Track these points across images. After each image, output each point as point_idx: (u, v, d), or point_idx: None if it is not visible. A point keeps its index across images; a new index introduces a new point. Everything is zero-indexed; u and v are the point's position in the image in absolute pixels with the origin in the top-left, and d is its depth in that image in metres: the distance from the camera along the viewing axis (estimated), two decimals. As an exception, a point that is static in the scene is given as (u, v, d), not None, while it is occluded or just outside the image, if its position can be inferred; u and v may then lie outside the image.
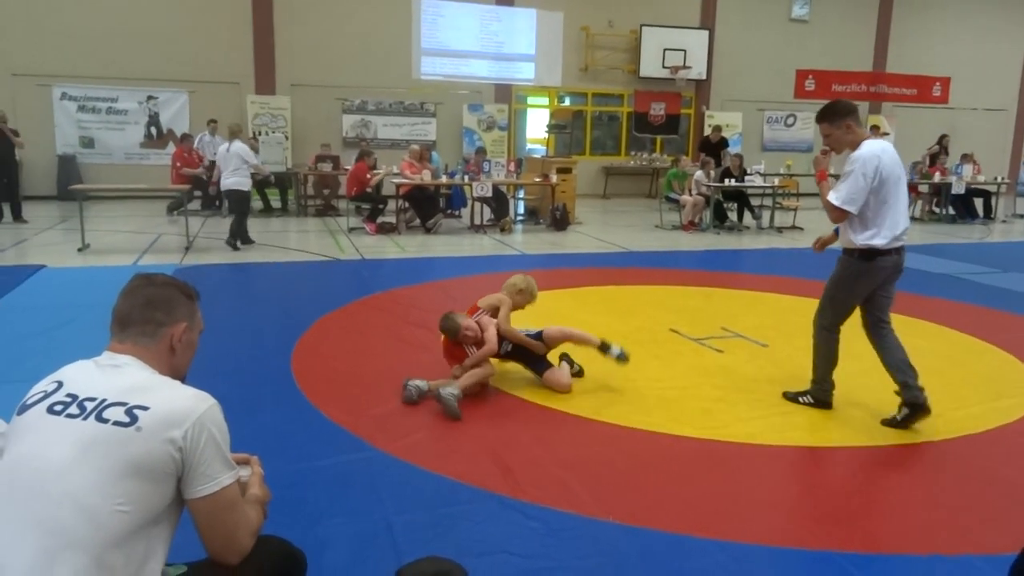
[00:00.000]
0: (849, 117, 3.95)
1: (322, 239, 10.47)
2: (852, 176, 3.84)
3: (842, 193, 3.87)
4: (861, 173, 3.82)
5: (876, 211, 3.88)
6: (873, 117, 19.33)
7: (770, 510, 3.13)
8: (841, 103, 4.06)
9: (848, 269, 4.07)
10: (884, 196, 3.87)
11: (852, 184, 3.84)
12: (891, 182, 3.88)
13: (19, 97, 14.04)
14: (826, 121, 3.99)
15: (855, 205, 3.86)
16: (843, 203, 3.87)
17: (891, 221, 3.91)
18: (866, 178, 3.82)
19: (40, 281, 7.12)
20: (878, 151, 3.87)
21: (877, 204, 3.87)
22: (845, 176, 3.89)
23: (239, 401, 4.07)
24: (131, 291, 1.81)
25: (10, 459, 1.60)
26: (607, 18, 17.50)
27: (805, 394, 4.38)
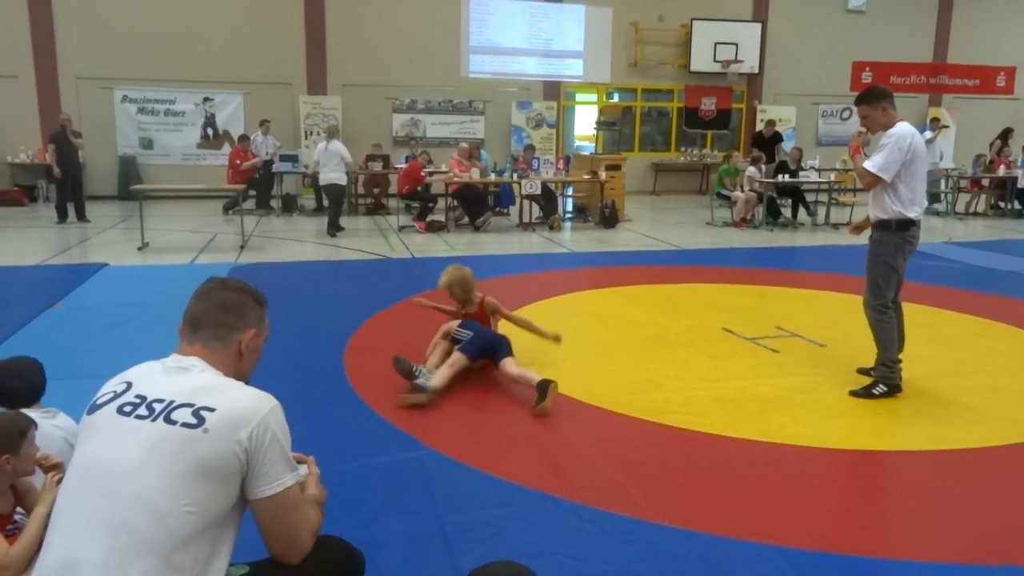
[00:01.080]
0: (885, 100, 4.31)
1: (373, 238, 10.58)
2: (888, 148, 4.20)
3: (878, 161, 4.22)
4: (897, 147, 4.18)
5: (908, 184, 4.25)
6: (933, 109, 18.74)
7: (829, 515, 3.05)
8: (878, 87, 4.42)
9: (888, 242, 4.35)
10: (914, 171, 4.25)
11: (888, 155, 4.19)
12: (920, 159, 4.26)
13: (83, 100, 14.51)
14: (865, 103, 4.34)
15: (889, 173, 4.21)
16: (879, 170, 4.21)
17: (919, 195, 4.32)
18: (901, 151, 4.18)
19: (102, 279, 7.33)
20: (911, 131, 4.25)
21: (909, 177, 4.24)
22: (881, 148, 4.24)
23: (293, 399, 4.08)
24: (205, 294, 1.84)
25: (81, 458, 1.64)
26: (657, 13, 17.30)
27: (876, 385, 4.39)
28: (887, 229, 4.34)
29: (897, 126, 4.26)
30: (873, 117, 4.32)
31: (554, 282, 7.51)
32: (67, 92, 14.42)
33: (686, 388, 4.49)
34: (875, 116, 4.32)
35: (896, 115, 4.32)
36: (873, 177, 4.24)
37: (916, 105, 19.16)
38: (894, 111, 4.33)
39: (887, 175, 4.21)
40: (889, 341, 4.38)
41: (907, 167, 4.21)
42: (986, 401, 4.32)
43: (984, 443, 3.74)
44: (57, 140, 11.23)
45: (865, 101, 4.35)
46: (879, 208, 4.35)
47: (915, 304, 6.61)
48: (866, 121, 4.38)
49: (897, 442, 3.79)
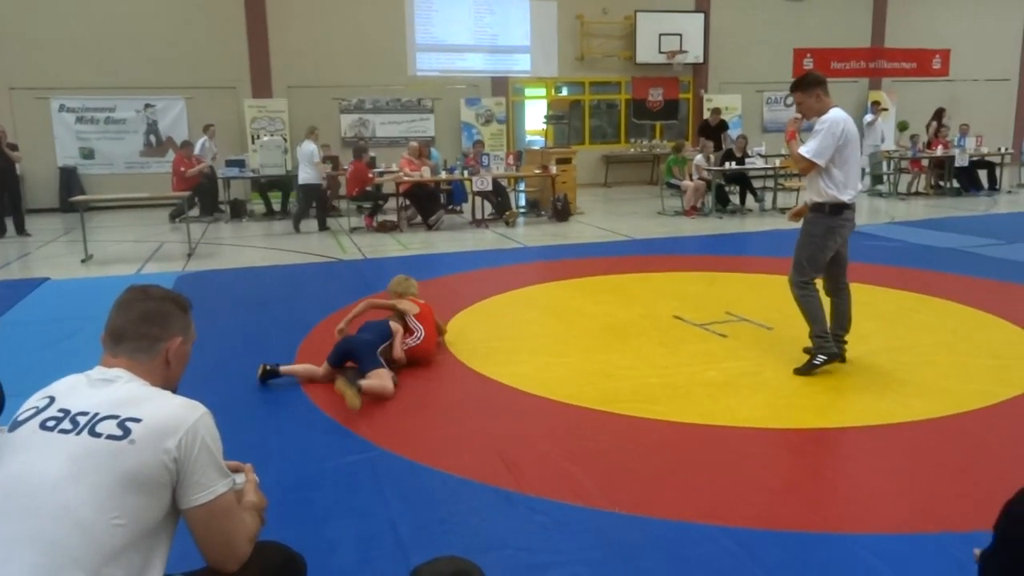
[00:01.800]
0: (819, 87, 4.43)
1: (324, 240, 10.47)
2: (822, 134, 4.33)
3: (812, 147, 4.35)
4: (830, 132, 4.31)
5: (841, 168, 4.38)
6: (873, 93, 19.20)
7: (776, 494, 3.11)
8: (812, 74, 4.56)
9: (820, 223, 4.48)
10: (847, 155, 4.38)
11: (822, 140, 4.33)
12: (853, 144, 4.40)
13: (18, 110, 14.07)
14: (799, 90, 4.48)
15: (823, 158, 4.34)
16: (813, 155, 4.35)
17: (852, 179, 4.44)
18: (834, 136, 4.31)
19: (44, 293, 7.14)
20: (844, 117, 4.38)
21: (842, 162, 4.38)
22: (815, 134, 4.37)
23: (244, 405, 4.09)
24: (125, 304, 1.80)
25: (5, 476, 1.59)
26: (601, 6, 17.39)
27: (815, 356, 4.53)
28: (821, 212, 4.48)
29: (830, 112, 4.39)
30: (808, 104, 4.45)
31: (508, 277, 7.53)
32: (1, 103, 13.97)
33: (637, 376, 4.54)
34: (809, 103, 4.45)
35: (830, 101, 4.45)
36: (808, 162, 4.38)
37: (857, 89, 19.60)
38: (827, 97, 4.46)
39: (821, 160, 4.34)
40: (815, 313, 4.53)
41: (840, 152, 4.35)
42: (924, 374, 4.45)
43: (922, 415, 3.85)
44: None
45: (799, 88, 4.48)
46: (814, 192, 4.51)
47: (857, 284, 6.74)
48: (801, 107, 4.52)
49: (841, 419, 3.89)
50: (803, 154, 4.39)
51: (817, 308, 4.54)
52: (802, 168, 4.49)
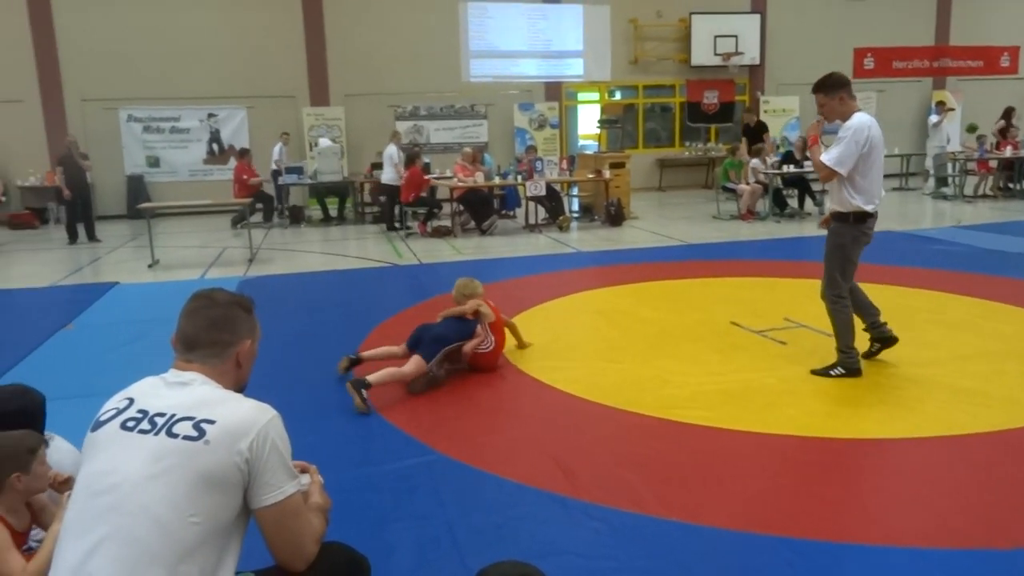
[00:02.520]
0: (843, 89, 4.33)
1: (380, 245, 10.63)
2: (845, 142, 4.22)
3: (834, 155, 4.24)
4: (854, 139, 4.20)
5: (865, 176, 4.27)
6: (938, 93, 18.63)
7: (837, 505, 3.05)
8: (836, 76, 4.40)
9: (846, 234, 4.41)
10: (871, 163, 4.28)
11: (845, 148, 4.22)
12: (877, 151, 4.29)
13: (88, 121, 14.65)
14: (822, 92, 4.36)
15: (845, 167, 4.23)
16: (835, 163, 4.24)
17: (876, 187, 4.34)
18: (858, 144, 4.21)
19: (114, 297, 7.41)
20: (868, 122, 4.25)
21: (865, 170, 4.27)
22: (838, 141, 4.27)
23: (303, 408, 4.18)
24: (194, 312, 1.87)
25: (87, 474, 1.68)
26: (655, 8, 17.28)
27: (835, 367, 4.53)
28: (845, 222, 4.41)
29: (854, 117, 4.28)
30: (830, 106, 4.35)
31: (561, 282, 7.53)
32: (73, 114, 14.57)
33: (693, 383, 4.50)
34: (832, 105, 4.35)
35: (854, 105, 4.36)
36: (829, 171, 4.27)
37: (920, 89, 19.06)
38: (852, 100, 4.35)
39: (843, 169, 4.24)
40: (847, 326, 4.49)
41: (864, 159, 4.24)
42: (994, 384, 4.31)
43: (993, 427, 3.73)
44: (64, 162, 11.36)
45: (822, 89, 4.38)
46: (837, 201, 4.43)
47: (922, 289, 6.61)
48: (823, 110, 4.42)
49: (905, 429, 3.78)
50: (825, 162, 4.28)
51: (849, 321, 4.50)
52: (823, 176, 4.40)
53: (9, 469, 2.13)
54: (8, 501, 2.17)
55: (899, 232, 10.06)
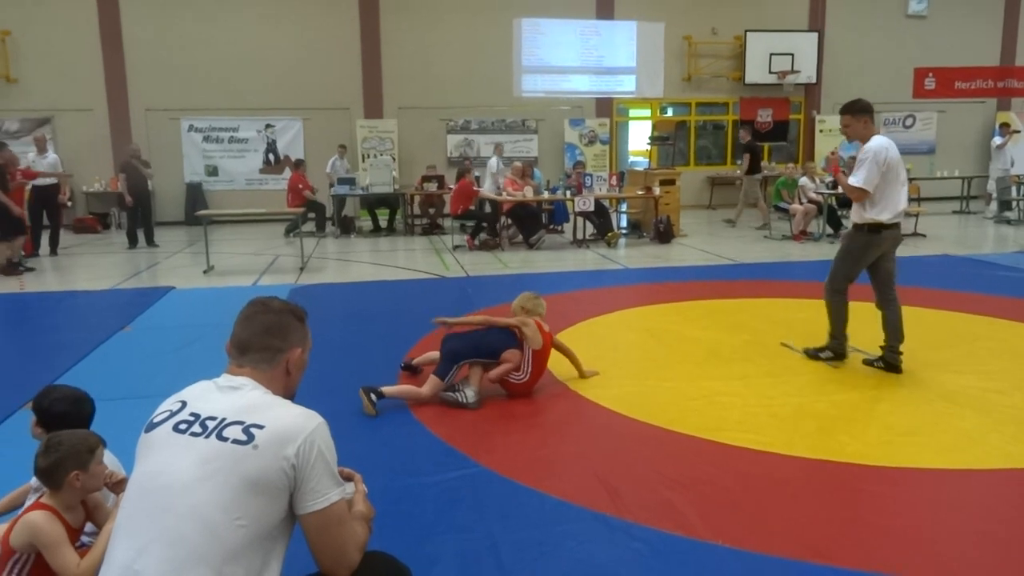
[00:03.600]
0: (867, 114, 4.85)
1: (428, 257, 10.71)
2: (867, 163, 4.72)
3: (861, 177, 4.74)
4: (875, 161, 4.69)
5: (882, 193, 4.76)
6: (1002, 114, 18.06)
7: (889, 536, 2.95)
8: (861, 101, 4.91)
9: (858, 241, 4.96)
10: (889, 180, 4.74)
11: (868, 170, 4.72)
12: (895, 169, 4.76)
13: (152, 130, 15.13)
14: (850, 114, 4.86)
15: (872, 186, 4.73)
16: (864, 184, 4.73)
17: (894, 202, 4.80)
18: (878, 165, 4.69)
19: (170, 301, 7.60)
20: (886, 144, 4.76)
21: (883, 186, 4.75)
22: (860, 164, 4.77)
23: (349, 417, 4.22)
24: (248, 318, 1.90)
25: (140, 474, 1.71)
26: (710, 26, 17.17)
27: (824, 350, 5.16)
28: (860, 231, 4.95)
29: (873, 140, 4.78)
30: (855, 128, 4.87)
31: (608, 299, 7.48)
32: (137, 123, 15.06)
33: (742, 405, 4.41)
34: (857, 127, 4.86)
35: (873, 128, 4.88)
36: (860, 191, 4.77)
37: (984, 110, 18.53)
38: (873, 125, 4.89)
39: (871, 187, 4.73)
40: (837, 320, 5.14)
41: (883, 177, 4.73)
42: (1061, 417, 4.13)
43: (1058, 461, 3.57)
44: (127, 169, 11.73)
45: (850, 112, 4.88)
46: (855, 214, 4.95)
47: (984, 316, 6.39)
48: (847, 130, 4.92)
49: (964, 460, 3.65)
50: (855, 185, 4.77)
51: (843, 314, 5.12)
52: (855, 197, 4.86)
53: (70, 467, 2.19)
54: (66, 498, 2.23)
55: (960, 257, 9.76)
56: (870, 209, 4.81)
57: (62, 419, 2.54)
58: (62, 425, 2.49)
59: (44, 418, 2.56)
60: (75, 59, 14.67)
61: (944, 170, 15.89)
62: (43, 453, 2.22)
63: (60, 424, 2.49)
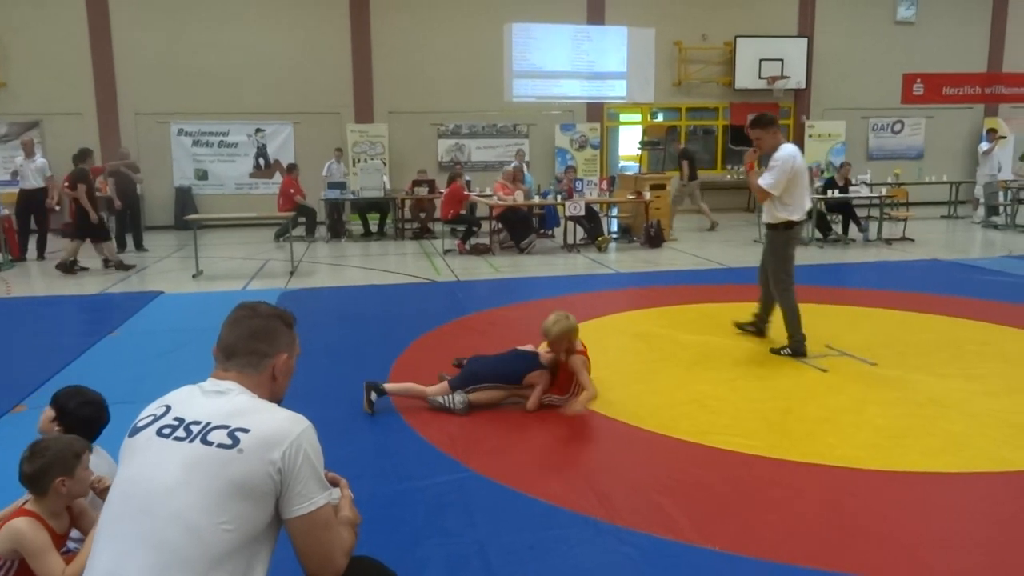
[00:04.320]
0: (775, 126, 5.45)
1: (419, 261, 10.70)
2: (776, 169, 5.31)
3: (770, 180, 5.32)
4: (783, 168, 5.29)
5: (791, 195, 5.36)
6: (989, 120, 18.21)
7: (877, 540, 2.96)
8: (768, 115, 5.54)
9: (780, 239, 5.55)
10: (797, 184, 5.34)
11: (777, 174, 5.30)
12: (801, 174, 5.37)
13: (141, 134, 15.06)
14: (760, 128, 5.42)
15: (777, 189, 5.32)
16: (771, 187, 5.32)
17: (801, 203, 5.43)
18: (785, 172, 5.28)
19: (159, 306, 7.56)
20: (794, 152, 5.35)
21: (792, 189, 5.33)
22: (771, 169, 5.35)
23: (338, 421, 4.20)
24: (236, 322, 1.89)
25: (123, 479, 1.70)
26: (700, 31, 17.23)
27: (785, 348, 5.48)
28: (777, 230, 5.53)
29: (782, 148, 5.35)
30: (766, 139, 5.42)
31: (599, 303, 7.48)
32: (126, 127, 14.99)
33: (732, 409, 4.42)
34: (767, 139, 5.41)
35: (781, 138, 5.45)
36: (766, 193, 5.35)
37: (971, 116, 18.67)
38: (780, 135, 5.47)
39: (776, 191, 5.32)
40: (792, 316, 5.48)
41: (790, 182, 5.30)
42: (1048, 420, 4.15)
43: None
44: (115, 173, 11.67)
45: (760, 126, 5.42)
46: (769, 215, 5.52)
47: (972, 320, 6.43)
48: (759, 142, 5.45)
49: (954, 463, 3.66)
50: (763, 186, 5.33)
51: (796, 310, 5.49)
52: (760, 197, 5.45)
53: (55, 473, 2.17)
54: (51, 504, 2.20)
55: (948, 261, 9.82)
56: (782, 210, 5.40)
57: (87, 424, 2.54)
58: (85, 429, 2.49)
59: (68, 420, 2.54)
60: (64, 63, 14.59)
61: (932, 175, 15.99)
62: (28, 459, 2.19)
63: (83, 428, 2.49)
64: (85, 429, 2.50)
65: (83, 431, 2.46)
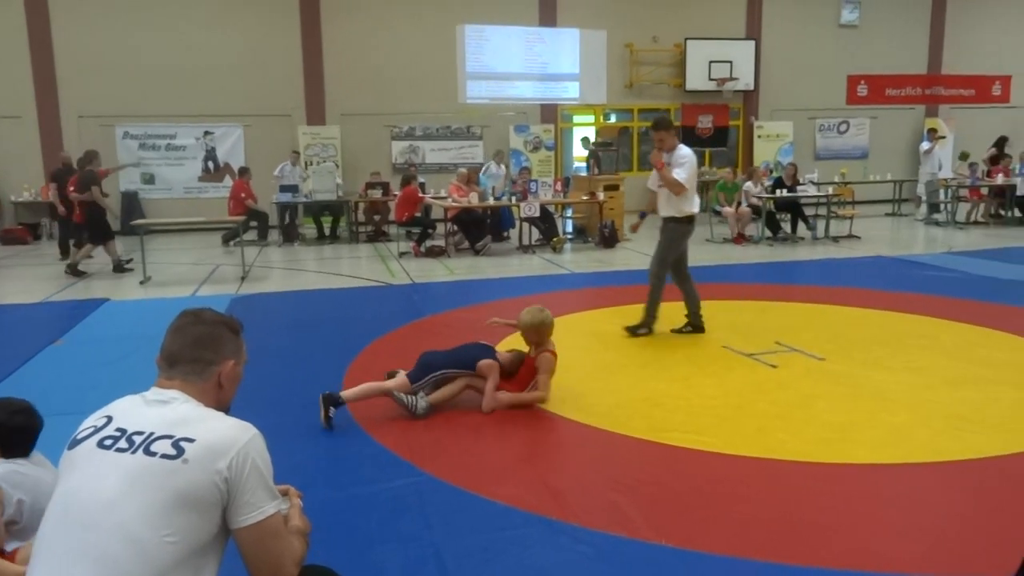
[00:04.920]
0: (673, 128, 6.05)
1: (373, 264, 10.62)
2: (687, 165, 5.87)
3: (684, 176, 5.84)
4: (691, 164, 5.88)
5: (692, 189, 5.95)
6: (930, 120, 18.79)
7: (829, 531, 3.02)
8: (667, 118, 6.34)
9: (677, 231, 6.07)
10: (694, 179, 5.97)
11: (688, 170, 5.87)
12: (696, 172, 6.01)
13: (84, 137, 14.60)
14: (664, 130, 5.94)
15: (691, 184, 5.90)
16: (685, 181, 5.84)
17: (696, 197, 6.06)
18: (693, 167, 5.91)
19: (104, 314, 7.37)
20: (691, 151, 5.96)
21: (692, 183, 5.92)
22: (681, 166, 5.85)
23: (290, 428, 4.14)
24: (179, 329, 1.85)
25: (63, 492, 1.65)
26: (651, 34, 17.43)
27: (641, 327, 6.13)
28: (678, 223, 6.03)
29: (682, 148, 5.93)
30: (668, 140, 5.92)
31: (554, 303, 7.45)
32: (69, 131, 14.57)
33: (685, 406, 4.48)
34: (669, 140, 5.92)
35: (676, 139, 6.04)
36: (682, 186, 5.84)
37: (913, 116, 19.22)
38: (676, 136, 6.07)
39: (690, 185, 5.89)
40: (655, 302, 6.11)
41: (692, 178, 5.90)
42: (986, 411, 4.30)
43: (985, 453, 3.72)
44: (59, 178, 11.34)
45: (664, 128, 5.93)
46: (674, 209, 6.00)
47: (914, 315, 6.62)
48: (663, 144, 5.93)
49: (896, 455, 3.76)
50: (679, 179, 5.81)
51: (660, 297, 6.11)
52: (677, 191, 5.87)
53: None
54: None
55: (891, 257, 10.09)
56: (685, 203, 5.92)
57: (23, 432, 2.45)
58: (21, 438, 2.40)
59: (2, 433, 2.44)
60: (2, 65, 14.13)
61: (876, 174, 16.42)
62: None
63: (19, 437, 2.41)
64: (21, 438, 2.42)
65: (19, 441, 2.38)
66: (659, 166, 5.90)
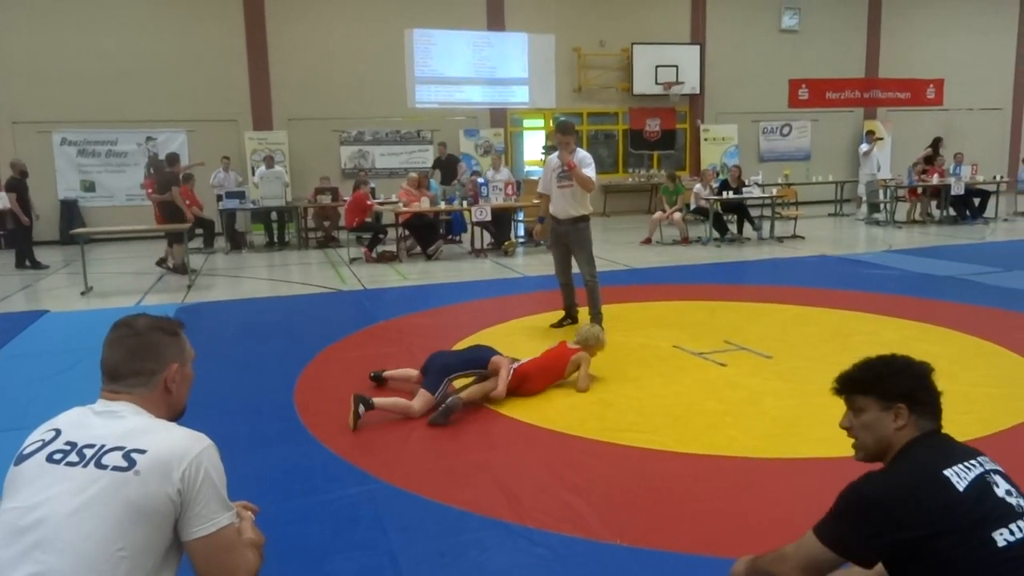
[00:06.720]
0: (576, 131, 6.51)
1: (324, 271, 10.50)
2: (591, 167, 6.26)
3: (592, 174, 6.25)
4: (592, 165, 6.28)
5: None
6: (869, 123, 19.39)
7: (780, 525, 3.09)
8: (570, 122, 6.68)
9: (588, 230, 6.45)
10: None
11: (594, 170, 6.30)
12: None
13: (20, 144, 14.16)
14: (568, 135, 6.28)
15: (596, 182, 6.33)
16: (593, 180, 6.25)
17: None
18: (593, 167, 6.29)
19: (43, 326, 7.14)
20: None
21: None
22: (587, 166, 6.21)
23: (243, 437, 4.07)
24: (115, 342, 1.80)
25: (10, 511, 1.59)
26: (598, 38, 17.63)
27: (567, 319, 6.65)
28: (587, 221, 6.42)
29: (580, 150, 6.31)
30: (571, 144, 6.24)
31: (506, 307, 7.54)
32: (3, 137, 14.09)
33: (637, 406, 4.53)
34: (572, 142, 6.25)
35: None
36: (593, 183, 6.25)
37: (852, 119, 19.80)
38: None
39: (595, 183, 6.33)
40: (596, 301, 6.39)
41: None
42: (926, 403, 4.43)
43: (924, 444, 3.84)
44: (17, 187, 10.98)
45: (568, 132, 6.30)
46: (582, 207, 6.37)
47: (857, 312, 6.81)
48: (567, 146, 6.22)
49: (842, 448, 3.84)
50: (592, 177, 6.21)
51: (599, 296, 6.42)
52: (589, 188, 6.23)
53: None
54: None
55: (834, 256, 10.37)
56: (588, 201, 6.37)
57: None
58: None
59: None
60: (-70, 68, 13.62)
61: (819, 175, 16.86)
62: None
63: None
64: None
65: None
66: (571, 167, 6.14)
